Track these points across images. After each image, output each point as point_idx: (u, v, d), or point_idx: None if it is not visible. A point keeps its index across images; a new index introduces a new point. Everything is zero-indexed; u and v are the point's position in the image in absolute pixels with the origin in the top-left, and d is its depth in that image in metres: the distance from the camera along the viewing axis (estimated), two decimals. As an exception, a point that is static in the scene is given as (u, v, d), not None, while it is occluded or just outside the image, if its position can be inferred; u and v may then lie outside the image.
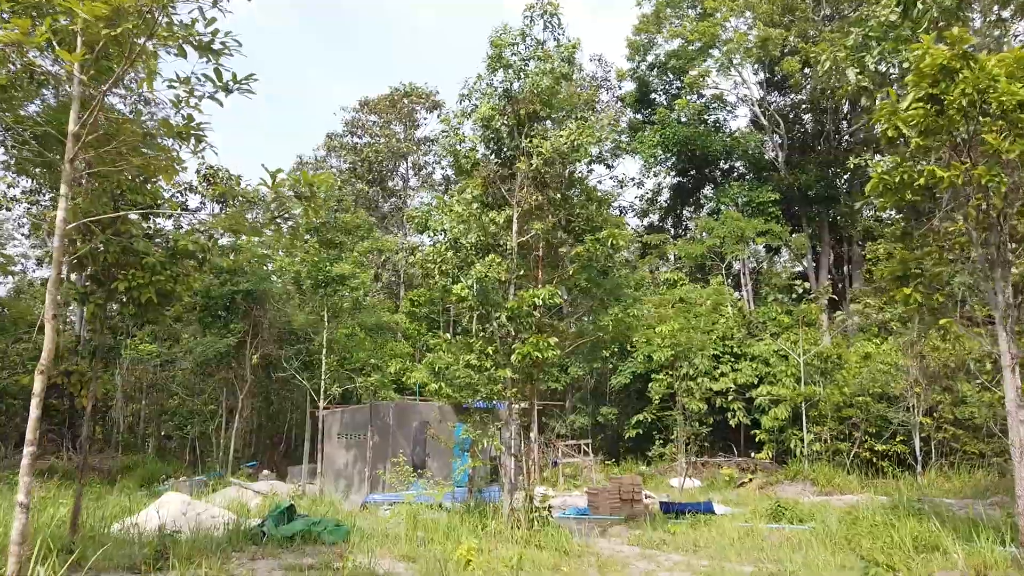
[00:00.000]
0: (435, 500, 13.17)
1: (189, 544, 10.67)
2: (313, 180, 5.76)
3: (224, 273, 24.88)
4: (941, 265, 9.11)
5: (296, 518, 12.62)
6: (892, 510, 11.93)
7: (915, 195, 8.69)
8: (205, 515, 13.87)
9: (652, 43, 33.03)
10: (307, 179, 5.74)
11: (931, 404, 20.33)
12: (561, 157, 11.51)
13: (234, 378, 24.92)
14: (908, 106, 8.48)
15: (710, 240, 28.17)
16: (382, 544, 10.99)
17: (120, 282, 8.89)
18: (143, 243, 8.98)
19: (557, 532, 11.14)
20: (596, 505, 15.99)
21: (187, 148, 6.59)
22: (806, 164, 30.09)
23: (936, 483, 19.24)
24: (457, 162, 11.94)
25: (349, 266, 17.97)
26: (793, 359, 24.08)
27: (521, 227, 12.22)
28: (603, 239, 11.49)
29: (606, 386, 32.24)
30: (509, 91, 12.08)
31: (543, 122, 11.98)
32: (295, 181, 5.71)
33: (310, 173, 5.97)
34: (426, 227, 12.36)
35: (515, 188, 12.10)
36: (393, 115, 36.97)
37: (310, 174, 5.89)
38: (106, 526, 12.27)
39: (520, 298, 11.05)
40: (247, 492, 19.21)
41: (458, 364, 11.96)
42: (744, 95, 32.73)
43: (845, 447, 21.94)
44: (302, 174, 5.74)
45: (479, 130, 12.10)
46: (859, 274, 30.58)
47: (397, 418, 20.88)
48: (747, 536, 11.82)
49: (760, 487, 21.48)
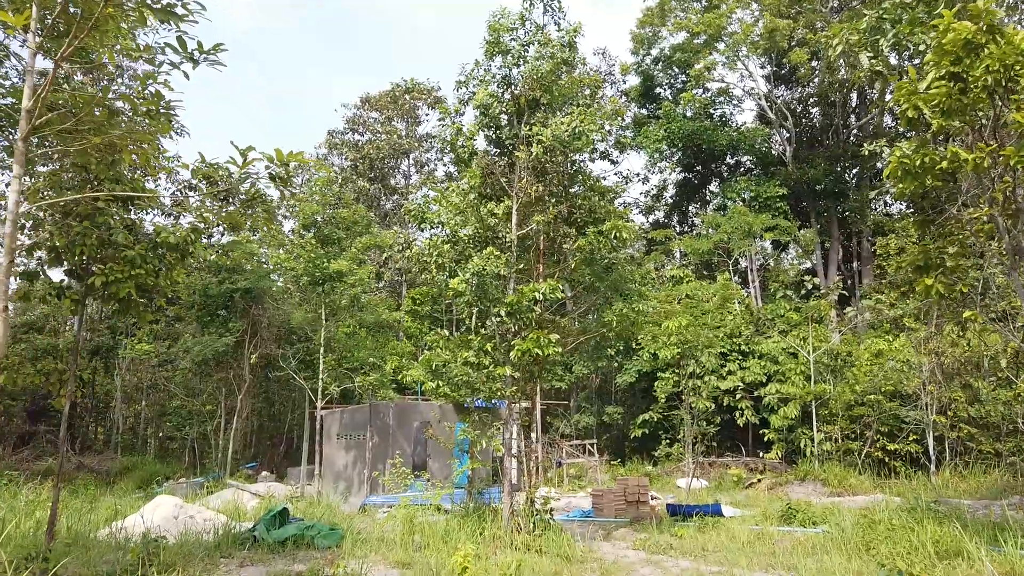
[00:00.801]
0: (434, 501, 12.71)
1: (175, 550, 10.24)
2: (288, 159, 5.30)
3: (223, 271, 24.53)
4: (963, 255, 8.59)
5: (289, 522, 12.20)
6: (909, 512, 11.42)
7: (936, 180, 8.18)
8: (198, 518, 13.47)
9: (656, 36, 32.48)
10: (281, 157, 5.28)
11: (945, 402, 19.78)
12: (562, 145, 11.03)
13: (233, 378, 24.54)
14: (929, 85, 7.97)
15: (717, 235, 27.62)
16: (376, 549, 10.54)
17: (97, 277, 8.45)
18: (122, 235, 8.54)
19: (559, 536, 10.67)
20: (600, 507, 15.51)
21: (169, 137, 6.15)
22: (814, 158, 29.51)
23: (951, 483, 18.70)
24: (454, 151, 11.46)
25: (346, 262, 17.52)
26: (803, 356, 23.53)
27: (521, 219, 11.75)
28: (606, 231, 11.01)
29: (611, 385, 31.74)
30: (508, 77, 11.61)
31: (544, 110, 11.50)
32: (268, 160, 5.25)
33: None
34: (423, 219, 11.90)
35: (514, 179, 11.63)
36: (394, 111, 36.53)
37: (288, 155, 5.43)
38: (92, 531, 11.87)
39: (520, 293, 10.58)
40: (244, 494, 18.81)
41: (456, 362, 11.49)
42: (750, 88, 32.18)
43: (856, 447, 21.40)
44: (276, 152, 5.27)
45: (477, 118, 11.62)
46: (869, 270, 29.99)
47: (397, 418, 20.45)
48: (758, 540, 11.32)
49: (769, 488, 20.97)
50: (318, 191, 18.32)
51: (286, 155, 5.31)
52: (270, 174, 5.32)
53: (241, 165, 5.11)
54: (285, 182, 5.37)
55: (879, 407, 20.92)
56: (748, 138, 30.27)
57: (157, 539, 10.63)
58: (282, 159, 5.29)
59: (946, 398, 19.67)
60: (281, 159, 5.29)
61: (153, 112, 5.65)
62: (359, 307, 20.67)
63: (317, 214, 17.78)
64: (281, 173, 5.32)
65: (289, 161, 5.36)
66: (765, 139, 30.90)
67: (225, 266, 24.33)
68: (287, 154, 5.32)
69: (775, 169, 30.68)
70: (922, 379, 19.86)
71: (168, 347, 28.94)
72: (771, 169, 30.90)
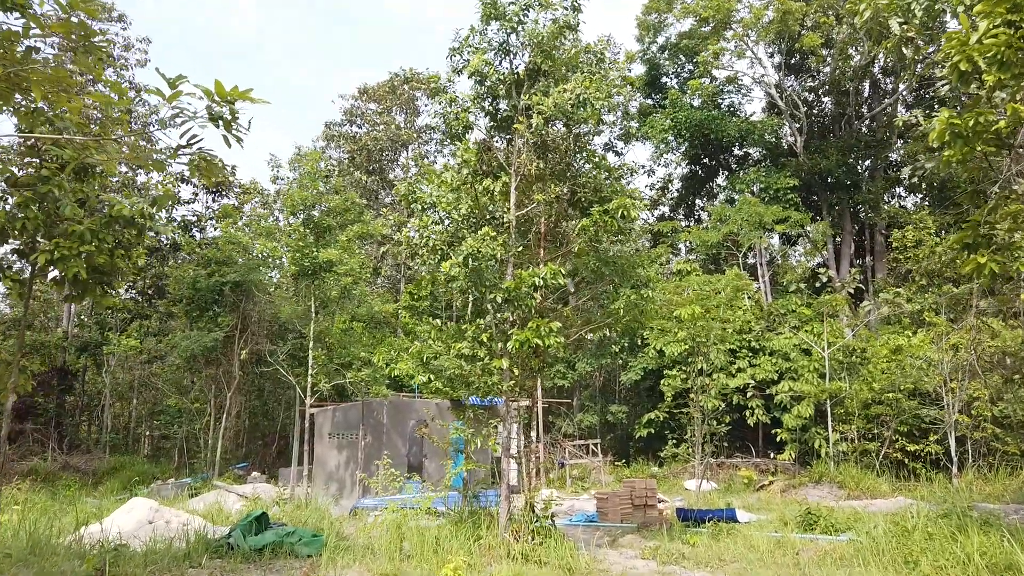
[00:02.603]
0: (424, 506, 11.75)
1: (139, 559, 9.30)
2: (233, 95, 4.34)
3: (212, 264, 23.63)
4: (1018, 229, 7.61)
5: (270, 527, 11.27)
6: (943, 519, 10.43)
7: (989, 145, 7.19)
8: (174, 523, 12.53)
9: (663, 23, 31.46)
10: (222, 93, 4.32)
11: (968, 400, 18.77)
12: (565, 116, 10.06)
13: (222, 375, 23.63)
14: (982, 35, 7.00)
15: (727, 227, 26.58)
16: (360, 559, 9.58)
17: (41, 254, 7.53)
18: (70, 208, 7.60)
19: (561, 545, 9.70)
20: (606, 511, 14.55)
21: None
22: (826, 148, 28.48)
23: (975, 486, 17.70)
24: (447, 124, 10.50)
25: (336, 251, 16.56)
26: (817, 353, 22.53)
27: (520, 199, 10.79)
28: (612, 210, 10.03)
29: (615, 383, 30.77)
30: (506, 44, 10.64)
31: (546, 77, 10.52)
32: (207, 96, 4.29)
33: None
34: (414, 200, 10.94)
35: (513, 155, 10.66)
36: (393, 102, 35.58)
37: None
38: (56, 537, 10.94)
39: (518, 277, 9.61)
40: (230, 496, 17.93)
41: (449, 354, 10.53)
42: (760, 76, 31.16)
43: (874, 447, 20.39)
44: (215, 85, 4.32)
45: (473, 87, 10.66)
46: (882, 264, 28.97)
47: (391, 416, 19.52)
48: (778, 549, 10.34)
49: (782, 490, 19.98)
50: (307, 177, 17.37)
51: (228, 90, 4.35)
52: (210, 114, 4.35)
53: (168, 97, 4.15)
54: (229, 125, 4.40)
55: (897, 406, 19.91)
56: (758, 128, 29.25)
57: (118, 547, 9.72)
58: (224, 95, 4.33)
59: (971, 395, 18.67)
60: (223, 95, 4.33)
61: (78, 48, 4.70)
62: (352, 299, 19.70)
63: (306, 200, 16.82)
64: (224, 113, 4.36)
65: (235, 99, 4.40)
66: (775, 129, 29.87)
67: (215, 259, 23.42)
68: (230, 89, 4.36)
69: (785, 160, 29.67)
70: (944, 376, 18.85)
71: (157, 343, 28.07)
72: (781, 160, 29.89)
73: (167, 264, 30.22)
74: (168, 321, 30.84)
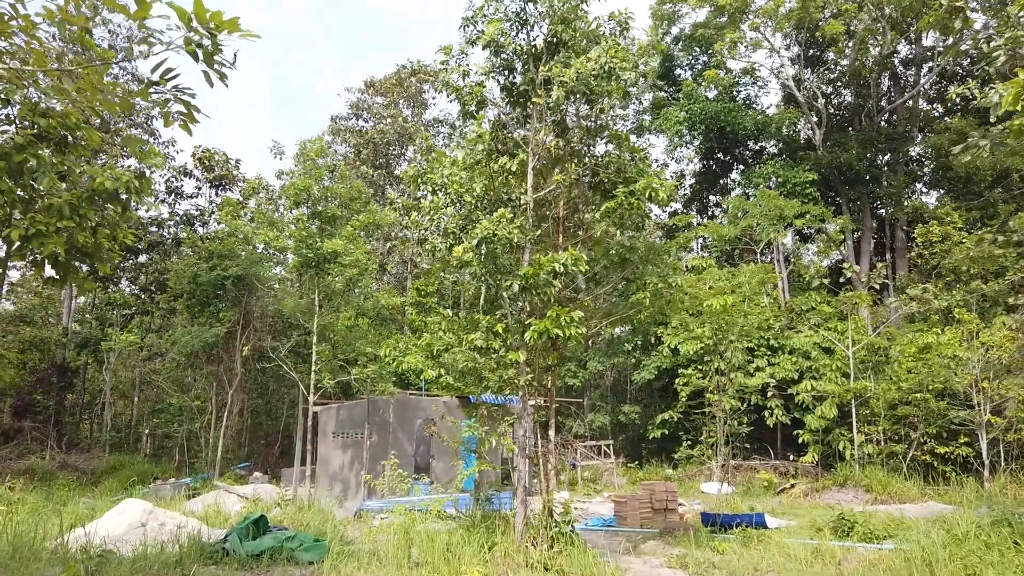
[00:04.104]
0: (433, 509, 11.00)
1: (126, 565, 8.59)
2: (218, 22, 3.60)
3: (214, 257, 22.97)
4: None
5: (269, 530, 10.55)
6: (995, 526, 9.64)
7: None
8: (169, 525, 11.82)
9: (677, 13, 30.64)
10: (203, 17, 3.58)
11: (1000, 400, 17.91)
12: (588, 89, 9.30)
13: (224, 372, 22.95)
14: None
15: (745, 221, 25.72)
16: (365, 566, 8.84)
17: (14, 229, 6.81)
18: (48, 180, 6.89)
19: (583, 552, 8.95)
20: (624, 515, 13.77)
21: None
22: (846, 141, 27.60)
23: (1008, 490, 16.86)
24: (459, 99, 9.75)
25: (341, 241, 15.83)
26: (840, 351, 21.67)
27: (537, 181, 10.04)
28: (639, 191, 9.28)
29: (627, 383, 29.96)
30: (522, 13, 9.90)
31: (566, 49, 9.77)
32: (181, 16, 3.55)
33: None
34: (423, 181, 10.20)
35: (531, 132, 9.92)
36: (400, 95, 34.86)
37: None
38: (42, 540, 10.24)
39: (536, 263, 8.85)
40: (230, 497, 17.23)
41: (461, 346, 9.78)
42: (778, 67, 30.29)
43: (901, 449, 19.53)
44: (195, 6, 3.58)
45: (488, 59, 9.91)
46: (904, 261, 28.07)
47: (398, 414, 18.78)
48: (816, 558, 9.55)
49: (804, 494, 19.16)
50: (310, 162, 16.65)
51: (210, 15, 3.60)
52: (187, 43, 3.61)
53: (134, 14, 3.42)
54: (210, 57, 3.67)
55: (926, 406, 19.04)
56: (775, 121, 28.38)
57: (104, 552, 9.02)
58: (204, 20, 3.59)
59: (999, 396, 17.82)
60: (203, 20, 3.59)
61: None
62: (357, 292, 18.96)
63: (310, 188, 16.09)
64: (204, 42, 3.62)
65: (220, 28, 3.66)
66: (793, 123, 28.98)
67: (216, 252, 22.74)
68: (211, 14, 3.62)
69: (803, 154, 28.80)
70: (975, 375, 18.00)
71: (157, 339, 27.41)
72: (798, 154, 29.03)
73: (170, 259, 29.59)
74: (170, 317, 30.20)
